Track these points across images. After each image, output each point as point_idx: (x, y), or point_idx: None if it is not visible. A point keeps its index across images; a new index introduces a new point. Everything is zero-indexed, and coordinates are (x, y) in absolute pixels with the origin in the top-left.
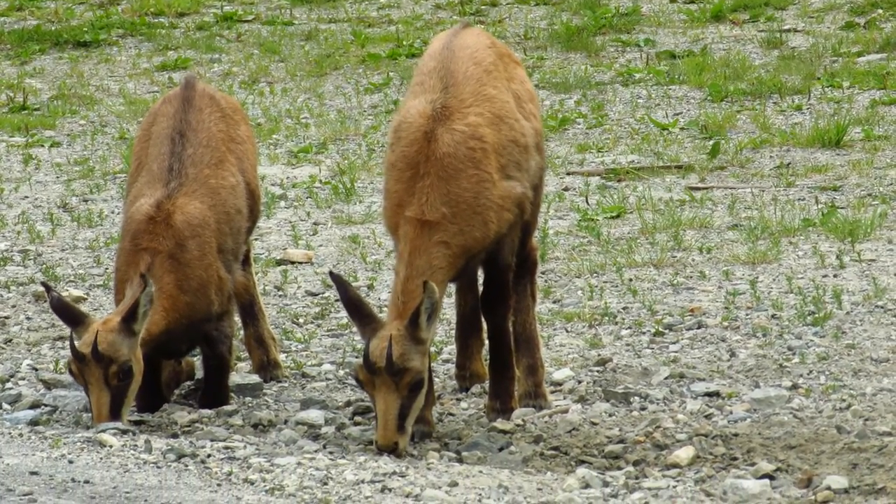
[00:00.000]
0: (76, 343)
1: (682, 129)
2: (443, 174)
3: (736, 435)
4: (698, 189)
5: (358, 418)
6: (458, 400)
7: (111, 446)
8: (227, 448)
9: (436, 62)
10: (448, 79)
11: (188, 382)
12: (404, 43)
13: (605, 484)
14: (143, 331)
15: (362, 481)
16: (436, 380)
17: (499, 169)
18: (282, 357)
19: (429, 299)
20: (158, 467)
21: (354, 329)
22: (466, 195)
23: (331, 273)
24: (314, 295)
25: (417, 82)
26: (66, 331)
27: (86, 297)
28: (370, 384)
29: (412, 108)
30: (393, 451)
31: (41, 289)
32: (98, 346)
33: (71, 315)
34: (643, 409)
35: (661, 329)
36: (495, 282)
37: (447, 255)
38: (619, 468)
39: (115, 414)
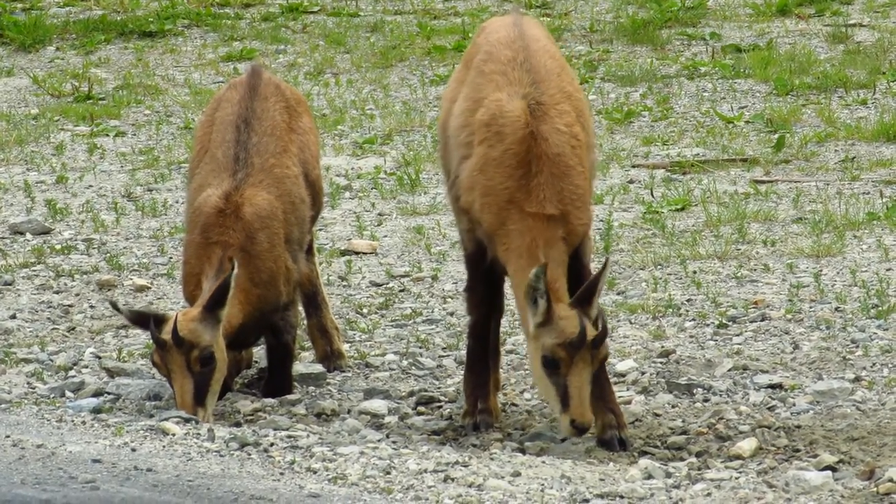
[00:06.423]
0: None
1: (747, 122)
2: (556, 171)
3: (798, 427)
4: (763, 182)
5: (421, 408)
6: (522, 391)
7: (174, 434)
8: (290, 437)
9: (513, 52)
10: (534, 73)
11: (251, 371)
12: (470, 35)
13: (668, 475)
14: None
15: (425, 471)
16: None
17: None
18: (345, 347)
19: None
20: (221, 456)
21: (419, 319)
22: (579, 192)
23: None
24: (378, 285)
25: (497, 71)
26: None
27: (149, 285)
28: (570, 362)
29: (506, 104)
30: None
31: (105, 277)
32: (178, 331)
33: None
34: (706, 400)
35: (724, 321)
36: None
37: (566, 250)
38: (682, 459)
39: (199, 401)
